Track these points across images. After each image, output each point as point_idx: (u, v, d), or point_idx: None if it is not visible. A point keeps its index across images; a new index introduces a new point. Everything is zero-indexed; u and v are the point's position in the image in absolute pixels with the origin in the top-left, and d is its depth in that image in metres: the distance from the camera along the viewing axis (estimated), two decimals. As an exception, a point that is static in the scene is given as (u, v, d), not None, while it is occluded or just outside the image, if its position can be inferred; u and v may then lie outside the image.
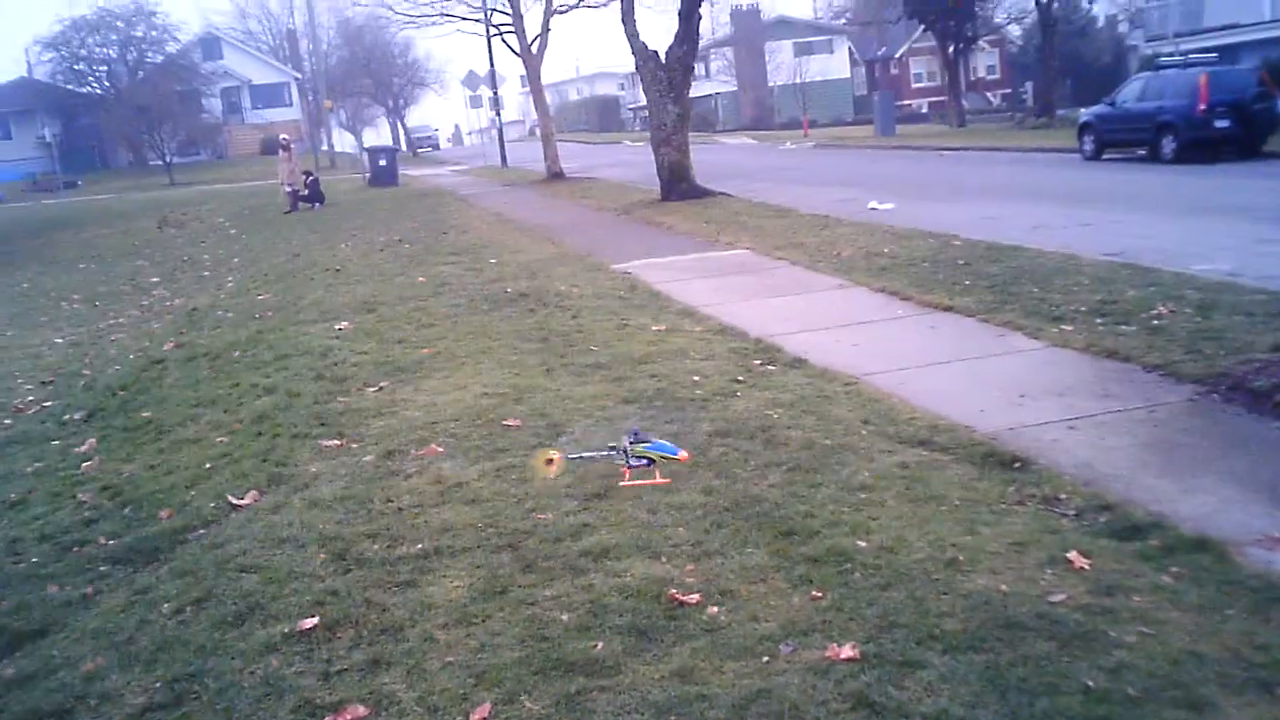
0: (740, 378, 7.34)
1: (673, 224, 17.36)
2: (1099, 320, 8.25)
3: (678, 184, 21.09)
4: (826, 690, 3.52)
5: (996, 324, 8.51)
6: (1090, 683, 3.46)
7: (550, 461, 5.40)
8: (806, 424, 6.23)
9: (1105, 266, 10.36)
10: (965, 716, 3.33)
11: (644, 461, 5.40)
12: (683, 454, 5.45)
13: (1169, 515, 4.74)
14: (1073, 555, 4.35)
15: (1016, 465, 5.42)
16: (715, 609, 4.13)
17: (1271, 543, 4.44)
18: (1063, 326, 8.16)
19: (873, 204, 17.75)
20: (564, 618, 4.14)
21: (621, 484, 5.36)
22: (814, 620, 3.98)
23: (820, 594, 4.17)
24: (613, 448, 5.50)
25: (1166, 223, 13.98)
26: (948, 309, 9.18)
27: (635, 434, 5.46)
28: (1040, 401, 6.50)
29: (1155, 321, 8.03)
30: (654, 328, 9.15)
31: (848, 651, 3.73)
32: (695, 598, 4.20)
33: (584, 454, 5.58)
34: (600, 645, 3.91)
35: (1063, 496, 5.00)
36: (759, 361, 7.80)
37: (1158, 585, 4.11)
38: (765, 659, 3.75)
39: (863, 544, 4.57)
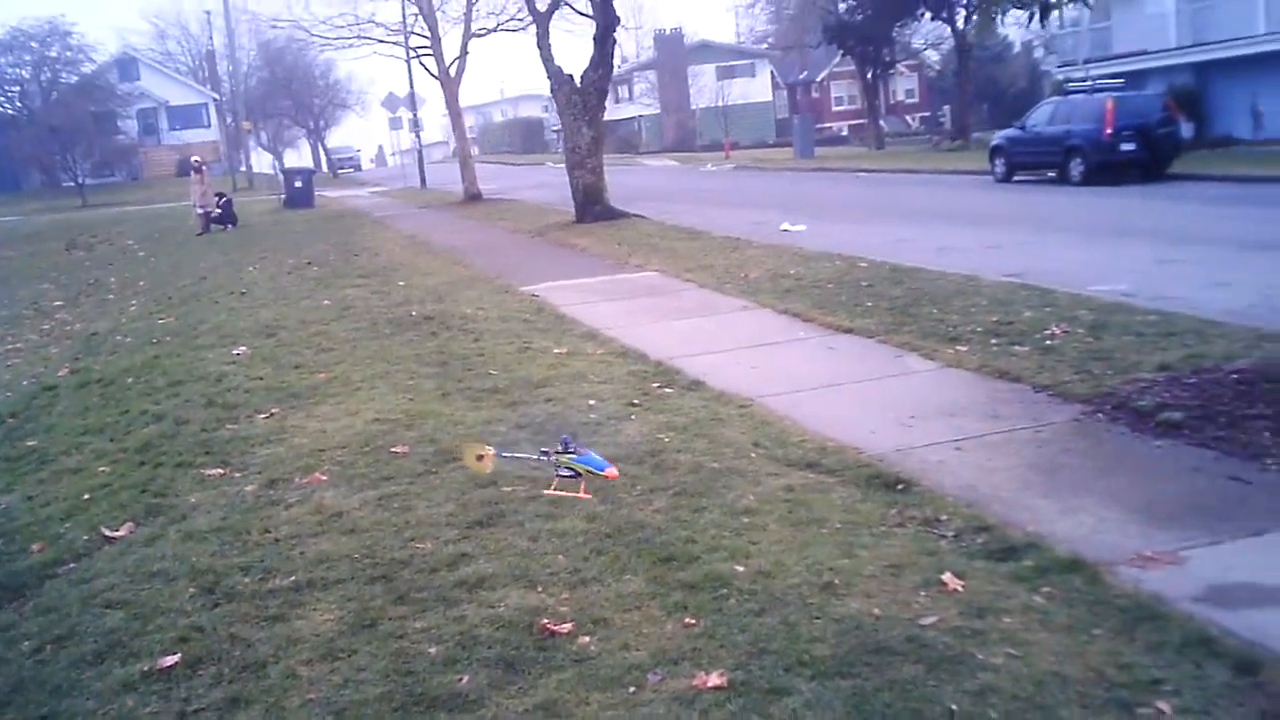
0: (636, 401, 7.30)
1: (585, 246, 17.35)
2: (994, 341, 8.34)
3: (592, 206, 21.10)
4: (691, 720, 3.47)
5: (894, 345, 8.56)
6: (954, 706, 3.44)
7: (481, 457, 5.14)
8: (697, 447, 6.20)
9: (1004, 288, 10.49)
10: (827, 745, 3.29)
11: (570, 473, 5.15)
12: (611, 471, 5.14)
13: (1046, 536, 4.76)
14: (947, 577, 4.34)
15: (900, 487, 5.43)
16: (587, 638, 4.06)
17: (1143, 561, 4.48)
18: (958, 347, 8.23)
19: (785, 226, 17.87)
20: (432, 651, 4.05)
21: (545, 491, 5.18)
22: (685, 648, 3.92)
23: (694, 621, 4.12)
24: (545, 453, 5.23)
25: (1070, 244, 14.23)
26: (848, 331, 9.23)
27: (566, 442, 5.16)
28: (930, 422, 6.53)
29: (1048, 342, 8.13)
30: (556, 351, 9.08)
31: (715, 679, 3.68)
32: (567, 627, 4.13)
33: (516, 455, 5.31)
34: (466, 679, 3.82)
35: (943, 518, 5.01)
36: (657, 384, 7.76)
37: (1029, 606, 4.11)
38: (632, 689, 3.69)
39: (740, 569, 4.53)
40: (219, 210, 27.95)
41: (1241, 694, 3.41)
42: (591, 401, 7.31)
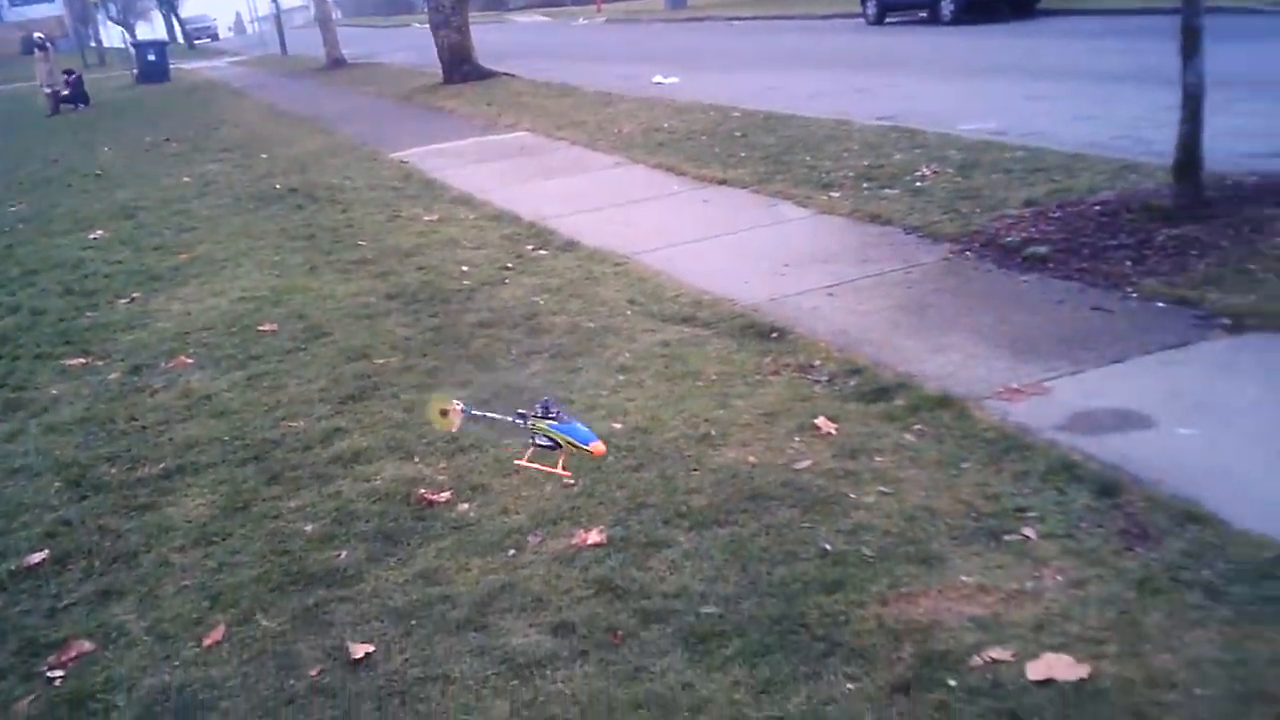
0: (510, 265, 7.20)
1: (453, 108, 16.92)
2: (865, 185, 8.36)
3: (459, 66, 20.50)
4: (570, 578, 3.48)
5: (767, 195, 8.54)
6: (828, 546, 3.50)
7: (446, 412, 4.28)
8: (572, 308, 6.15)
9: (876, 131, 10.50)
10: (705, 591, 3.33)
11: (549, 443, 4.17)
12: (597, 446, 4.03)
13: (916, 375, 4.83)
14: (821, 421, 4.39)
15: (774, 335, 5.45)
16: (465, 505, 4.04)
17: (1010, 394, 4.57)
18: (831, 193, 8.24)
19: (657, 78, 17.60)
20: (308, 529, 3.99)
21: (517, 463, 4.25)
22: (564, 508, 3.93)
23: (572, 481, 4.12)
24: (521, 415, 4.23)
25: (941, 84, 14.27)
26: (722, 182, 9.17)
27: (546, 406, 4.20)
28: (803, 270, 6.55)
29: (918, 184, 8.18)
30: (426, 218, 8.90)
31: (595, 537, 3.70)
32: (445, 496, 4.11)
33: (487, 414, 4.32)
34: (343, 554, 3.79)
35: (816, 363, 5.05)
36: (531, 246, 7.66)
37: (900, 444, 4.18)
38: (512, 552, 3.69)
39: (618, 426, 4.53)
40: (68, 89, 26.59)
41: (1101, 515, 3.52)
42: (464, 268, 7.19)
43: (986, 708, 2.68)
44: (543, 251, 7.50)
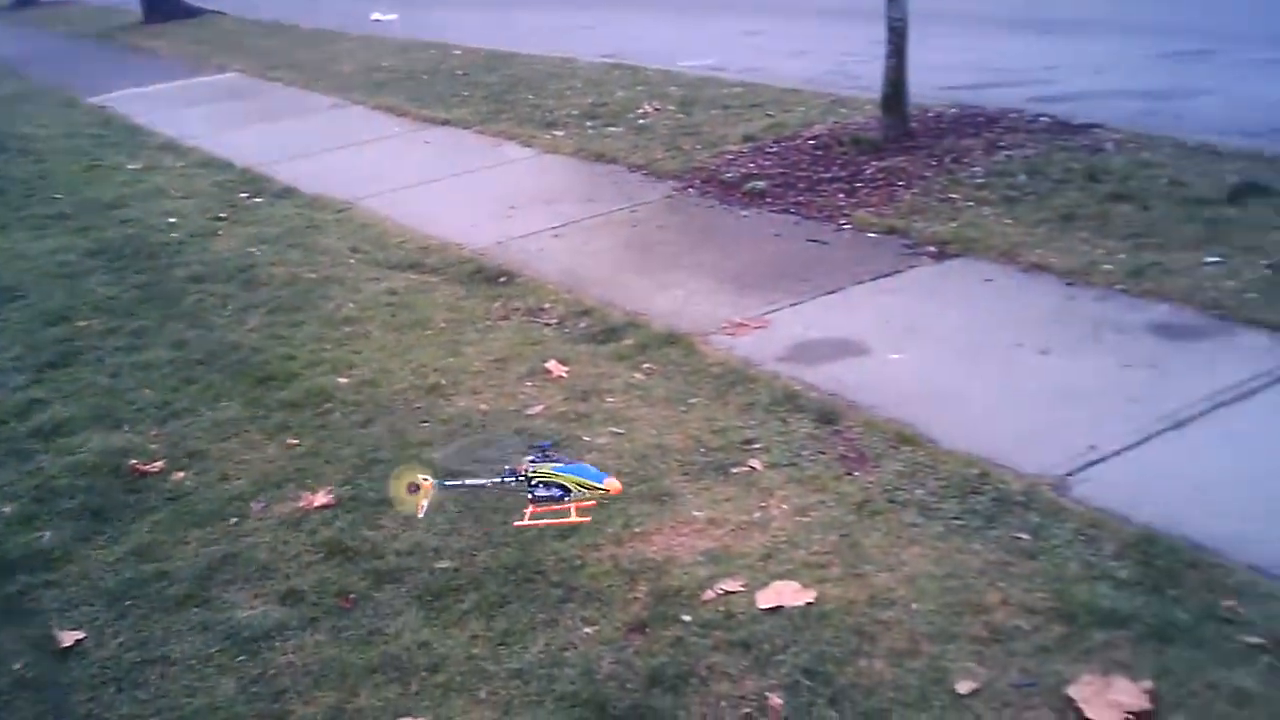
0: (223, 214, 6.87)
1: (158, 48, 15.96)
2: (589, 124, 8.35)
3: (162, 3, 19.27)
4: (298, 543, 3.35)
5: (491, 135, 8.43)
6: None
7: (415, 487, 3.57)
8: (291, 258, 5.91)
9: (599, 68, 10.50)
10: (440, 546, 3.27)
11: (555, 491, 3.59)
12: (613, 483, 3.55)
13: (644, 313, 4.87)
14: (552, 365, 4.38)
15: (503, 279, 5.39)
16: (181, 474, 3.82)
17: (734, 328, 4.67)
18: (555, 132, 8.20)
19: (375, 15, 17.07)
20: (6, 510, 3.69)
21: (517, 524, 3.48)
22: (289, 470, 3.78)
23: (297, 440, 3.96)
24: (511, 472, 3.62)
25: (661, 21, 14.37)
26: (445, 123, 8.99)
27: (544, 450, 3.65)
28: (529, 211, 6.50)
29: (641, 121, 8.23)
30: (130, 166, 8.38)
31: (322, 498, 3.57)
32: (159, 465, 3.88)
33: (466, 482, 3.66)
34: (47, 535, 3.52)
35: (546, 306, 5.02)
36: (245, 194, 7.32)
37: (630, 384, 4.21)
38: (234, 520, 3.52)
39: (344, 381, 4.39)
40: None
41: (822, 443, 3.65)
42: (172, 219, 6.81)
43: (719, 639, 2.74)
44: (258, 199, 7.17)
